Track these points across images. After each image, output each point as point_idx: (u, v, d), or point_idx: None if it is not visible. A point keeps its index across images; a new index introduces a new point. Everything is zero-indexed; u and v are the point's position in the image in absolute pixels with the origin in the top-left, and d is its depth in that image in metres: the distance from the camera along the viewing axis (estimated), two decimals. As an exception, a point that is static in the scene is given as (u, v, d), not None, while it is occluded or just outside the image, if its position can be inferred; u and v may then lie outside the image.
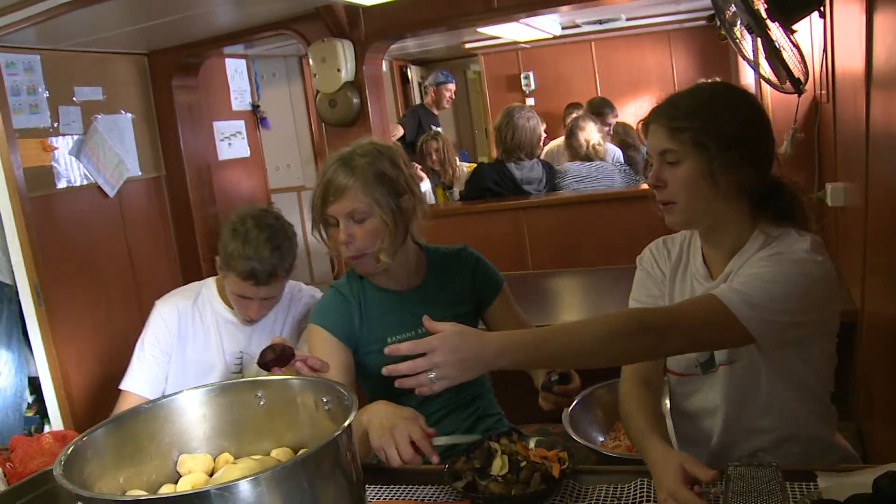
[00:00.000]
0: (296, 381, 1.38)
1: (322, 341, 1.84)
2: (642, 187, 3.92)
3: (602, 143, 4.35)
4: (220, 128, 4.47)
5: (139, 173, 3.77)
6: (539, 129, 4.18)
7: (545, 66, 7.37)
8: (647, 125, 1.54)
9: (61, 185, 3.37)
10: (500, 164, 4.22)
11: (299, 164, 5.77)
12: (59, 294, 3.21)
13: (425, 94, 6.14)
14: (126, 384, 2.24)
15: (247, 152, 4.71)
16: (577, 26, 5.95)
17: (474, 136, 8.87)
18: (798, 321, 1.38)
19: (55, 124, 3.35)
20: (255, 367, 2.05)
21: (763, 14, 2.13)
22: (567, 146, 4.44)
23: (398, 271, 1.90)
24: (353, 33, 3.49)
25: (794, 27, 2.20)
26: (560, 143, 5.05)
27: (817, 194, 2.69)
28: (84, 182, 3.47)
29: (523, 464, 1.46)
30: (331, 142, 3.71)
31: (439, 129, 5.64)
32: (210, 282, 2.34)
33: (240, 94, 4.72)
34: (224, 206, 4.11)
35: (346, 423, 1.11)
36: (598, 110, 5.50)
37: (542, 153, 4.57)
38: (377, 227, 1.77)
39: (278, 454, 1.32)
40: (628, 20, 6.12)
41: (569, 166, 4.26)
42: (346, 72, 3.49)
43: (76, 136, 3.44)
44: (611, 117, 5.59)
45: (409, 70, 7.72)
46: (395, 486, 1.57)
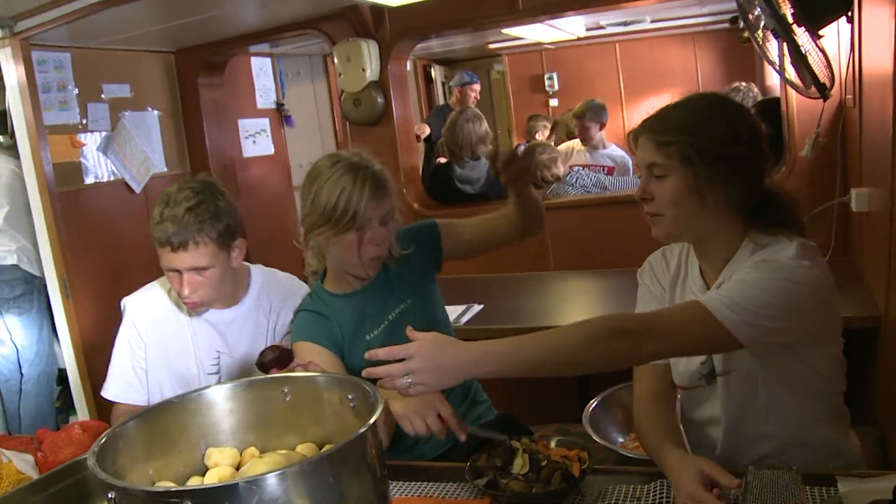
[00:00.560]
0: (321, 378, 1.40)
1: (314, 353, 1.82)
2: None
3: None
4: (245, 125, 4.52)
5: (165, 170, 3.83)
6: (480, 130, 4.10)
7: (569, 66, 7.34)
8: (636, 137, 1.52)
9: (89, 180, 3.43)
10: (447, 165, 4.23)
11: (323, 162, 5.78)
12: (86, 287, 3.26)
13: (450, 94, 6.14)
14: (107, 392, 2.09)
15: (271, 150, 4.75)
16: (602, 28, 5.92)
17: (497, 136, 8.87)
18: (785, 326, 1.37)
19: (84, 121, 3.41)
20: (235, 365, 2.04)
21: (790, 19, 2.13)
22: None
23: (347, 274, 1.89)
24: (378, 33, 3.52)
25: (820, 32, 2.19)
26: (571, 145, 5.08)
27: (840, 200, 2.68)
28: (111, 178, 3.53)
29: (544, 463, 1.48)
30: (355, 140, 3.74)
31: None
32: None
33: (265, 92, 4.76)
34: (248, 202, 4.14)
35: (371, 420, 1.13)
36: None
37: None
38: None
39: (303, 449, 1.34)
40: (653, 22, 6.08)
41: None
42: (371, 71, 3.51)
43: (104, 133, 3.50)
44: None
45: (433, 70, 7.74)
46: (417, 483, 1.59)
